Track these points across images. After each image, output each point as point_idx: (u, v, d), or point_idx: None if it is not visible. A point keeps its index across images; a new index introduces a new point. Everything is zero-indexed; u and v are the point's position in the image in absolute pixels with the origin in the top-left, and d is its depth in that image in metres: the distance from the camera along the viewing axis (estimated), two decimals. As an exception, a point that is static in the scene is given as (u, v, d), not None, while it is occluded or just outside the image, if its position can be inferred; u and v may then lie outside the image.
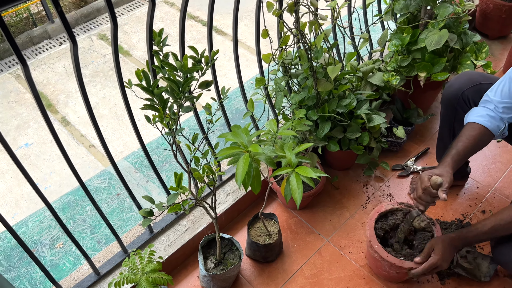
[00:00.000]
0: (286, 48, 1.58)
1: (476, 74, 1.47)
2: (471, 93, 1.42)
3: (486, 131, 1.31)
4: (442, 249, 1.31)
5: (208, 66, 1.21)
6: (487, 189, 1.81)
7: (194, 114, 1.49)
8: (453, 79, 1.51)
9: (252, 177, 1.00)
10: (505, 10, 2.36)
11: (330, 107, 1.63)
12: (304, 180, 1.02)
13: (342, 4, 1.64)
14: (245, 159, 0.98)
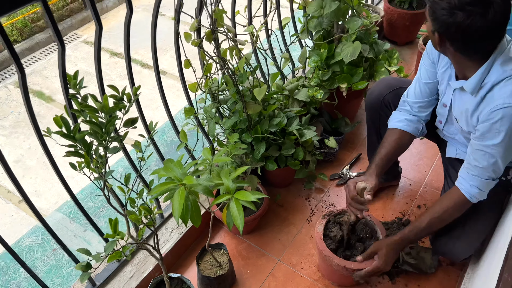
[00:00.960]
0: (211, 76, 1.59)
1: (392, 79, 1.58)
2: (391, 98, 1.52)
3: (406, 135, 1.41)
4: (386, 254, 1.35)
5: (131, 103, 1.17)
6: (419, 185, 1.92)
7: (124, 153, 1.43)
8: (373, 87, 1.61)
9: (191, 210, 0.97)
10: (408, 18, 2.58)
11: (262, 127, 1.65)
12: (244, 204, 1.01)
13: (259, 27, 1.69)
14: (180, 193, 0.95)
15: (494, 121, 1.15)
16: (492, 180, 1.27)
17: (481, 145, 1.21)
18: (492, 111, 1.14)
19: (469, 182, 1.28)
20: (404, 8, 2.59)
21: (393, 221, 1.75)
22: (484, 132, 1.19)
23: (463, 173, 1.32)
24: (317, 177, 1.93)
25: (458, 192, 1.31)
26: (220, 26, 1.36)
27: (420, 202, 1.84)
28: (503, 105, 1.12)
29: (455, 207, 1.32)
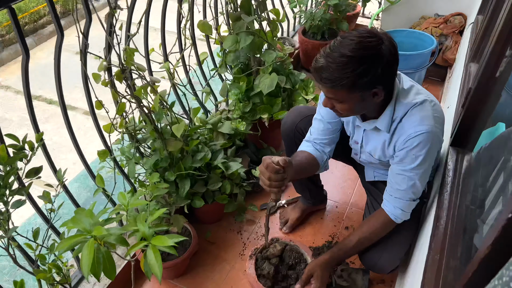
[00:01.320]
0: (127, 115, 1.54)
1: (303, 107, 1.65)
2: (303, 125, 1.58)
3: (313, 158, 1.47)
4: (321, 274, 1.40)
5: (33, 152, 1.09)
6: (344, 207, 1.98)
7: (32, 205, 1.31)
8: (285, 116, 1.66)
9: (103, 263, 0.90)
10: (322, 48, 2.72)
11: (185, 164, 1.62)
12: (163, 250, 0.96)
13: (176, 63, 1.68)
14: (90, 246, 0.88)
15: (410, 148, 1.27)
16: (413, 201, 1.38)
17: (400, 170, 1.32)
18: (407, 140, 1.27)
19: (393, 204, 1.38)
20: (317, 39, 2.73)
21: (323, 245, 1.78)
22: (402, 158, 1.30)
23: (386, 195, 1.41)
24: (247, 208, 1.92)
25: (384, 214, 1.40)
26: (131, 65, 1.33)
27: (347, 223, 1.89)
28: (415, 133, 1.25)
29: (382, 227, 1.42)
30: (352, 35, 1.14)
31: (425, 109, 1.28)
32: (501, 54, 1.28)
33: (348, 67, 1.11)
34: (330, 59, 1.13)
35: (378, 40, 1.13)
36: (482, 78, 1.35)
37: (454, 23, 2.78)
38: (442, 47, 2.77)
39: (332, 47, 1.15)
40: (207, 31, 1.86)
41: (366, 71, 1.13)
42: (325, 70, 1.14)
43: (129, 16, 1.46)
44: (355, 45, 1.11)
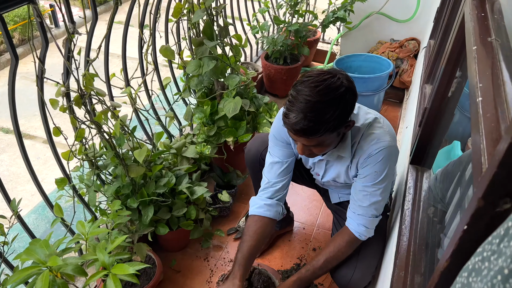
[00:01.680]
0: (87, 142, 1.49)
1: (266, 135, 1.67)
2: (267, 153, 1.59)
3: (268, 220, 1.46)
4: None
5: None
6: (311, 228, 1.98)
7: (-18, 239, 1.23)
8: (248, 144, 1.67)
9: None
10: (284, 72, 2.78)
11: (148, 190, 1.58)
12: (123, 279, 0.92)
13: (137, 88, 1.66)
14: (44, 278, 0.83)
15: (373, 165, 1.31)
16: (376, 217, 1.40)
17: (362, 186, 1.36)
18: (368, 158, 1.31)
19: (356, 222, 1.40)
20: (279, 64, 2.79)
21: (292, 268, 1.76)
22: (364, 175, 1.34)
23: (350, 213, 1.43)
24: (214, 234, 1.88)
25: (348, 232, 1.42)
26: (90, 90, 1.30)
27: (315, 245, 1.89)
28: (376, 150, 1.30)
29: (347, 246, 1.42)
30: (313, 81, 1.14)
31: (377, 126, 1.34)
32: (452, 75, 1.36)
33: (326, 112, 1.12)
34: (306, 110, 1.11)
35: (337, 77, 1.15)
36: (436, 98, 1.41)
37: (409, 47, 2.92)
38: (399, 70, 2.89)
39: (301, 98, 1.12)
40: (169, 56, 1.85)
41: (343, 110, 1.15)
42: (303, 122, 1.12)
43: (89, 41, 1.44)
44: (325, 89, 1.12)
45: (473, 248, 0.64)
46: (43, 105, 1.34)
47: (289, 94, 1.18)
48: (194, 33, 1.98)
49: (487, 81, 0.80)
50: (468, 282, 0.47)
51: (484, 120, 0.70)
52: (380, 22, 3.00)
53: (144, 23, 1.75)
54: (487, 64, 0.85)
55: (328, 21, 2.68)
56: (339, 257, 1.43)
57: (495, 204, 0.56)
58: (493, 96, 0.76)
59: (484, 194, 0.56)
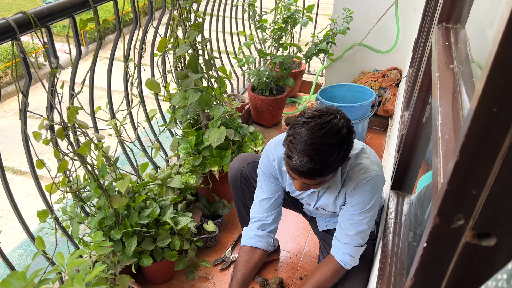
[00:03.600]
0: (70, 174, 1.50)
1: (248, 154, 1.71)
2: (248, 170, 1.62)
3: (259, 251, 1.50)
4: None
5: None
6: (298, 256, 1.97)
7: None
8: (231, 163, 1.71)
9: (33, 329, 0.84)
10: (270, 103, 2.84)
11: (132, 221, 1.58)
12: (99, 309, 0.91)
13: (122, 120, 1.69)
14: (17, 310, 0.82)
15: (360, 194, 1.35)
16: (361, 246, 1.43)
17: (349, 215, 1.38)
18: (356, 187, 1.35)
19: (342, 250, 1.41)
20: (265, 95, 2.85)
21: (278, 298, 1.74)
22: (352, 204, 1.37)
23: (335, 242, 1.45)
24: (200, 265, 1.87)
25: (334, 260, 1.44)
26: (72, 122, 1.33)
27: (301, 274, 1.88)
28: (364, 180, 1.33)
29: (333, 275, 1.43)
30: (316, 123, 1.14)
31: (364, 156, 1.38)
32: (425, 102, 1.41)
33: (332, 154, 1.14)
34: (311, 153, 1.12)
35: (338, 117, 1.18)
36: (411, 124, 1.46)
37: (391, 77, 3.01)
38: (382, 98, 2.97)
39: (305, 140, 1.13)
40: (155, 89, 1.90)
41: (346, 150, 1.19)
42: (309, 165, 1.13)
43: (73, 74, 1.48)
44: (329, 132, 1.14)
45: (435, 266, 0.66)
46: (26, 139, 1.36)
47: (289, 134, 1.18)
48: (179, 66, 2.03)
49: (447, 105, 0.84)
50: None
51: (442, 141, 0.73)
52: (363, 53, 3.10)
53: (129, 57, 1.80)
54: (448, 89, 0.89)
55: (311, 53, 2.76)
56: (325, 286, 1.44)
57: (449, 220, 0.59)
58: (452, 119, 0.79)
59: (438, 211, 0.58)
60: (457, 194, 0.56)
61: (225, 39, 3.02)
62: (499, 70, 0.43)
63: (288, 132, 1.21)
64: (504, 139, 0.49)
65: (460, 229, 0.59)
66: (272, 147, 1.46)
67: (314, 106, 3.14)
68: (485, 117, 0.47)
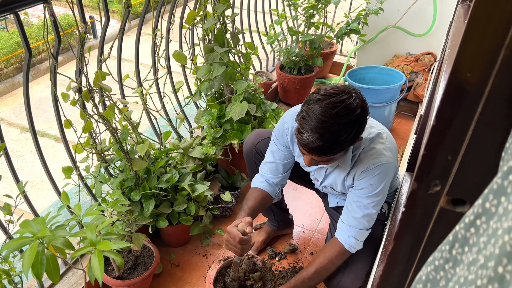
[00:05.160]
0: (95, 136, 1.60)
1: (263, 130, 1.73)
2: (262, 146, 1.65)
3: (266, 194, 1.54)
4: None
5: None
6: (311, 232, 2.01)
7: (-8, 217, 1.34)
8: (246, 138, 1.74)
9: (47, 265, 0.93)
10: (298, 82, 2.84)
11: (151, 184, 1.66)
12: (107, 255, 0.99)
13: (148, 88, 1.76)
14: (33, 247, 0.91)
15: (369, 178, 1.34)
16: (366, 230, 1.42)
17: (357, 197, 1.39)
18: (366, 171, 1.34)
19: (347, 233, 1.42)
20: (293, 74, 2.85)
21: (287, 270, 1.79)
22: (360, 187, 1.37)
23: (341, 224, 1.45)
24: (214, 232, 1.94)
25: (338, 243, 1.43)
26: (97, 85, 1.41)
27: (313, 249, 1.92)
28: (374, 165, 1.33)
29: (337, 257, 1.43)
30: (330, 101, 1.14)
31: (379, 141, 1.37)
32: (444, 83, 1.38)
33: (342, 134, 1.15)
34: (322, 131, 1.13)
35: (354, 97, 1.17)
36: (429, 105, 1.44)
37: (424, 61, 2.93)
38: (413, 83, 2.90)
39: (317, 117, 1.13)
40: (182, 61, 1.95)
41: (358, 131, 1.19)
42: (318, 142, 1.15)
43: (101, 41, 1.55)
44: (342, 111, 1.13)
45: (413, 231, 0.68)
46: (56, 100, 1.46)
47: (302, 110, 1.19)
48: (207, 40, 2.08)
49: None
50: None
51: (435, 113, 0.74)
52: (397, 36, 3.02)
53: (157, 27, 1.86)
54: (454, 66, 0.88)
55: (341, 33, 2.73)
56: (329, 268, 1.44)
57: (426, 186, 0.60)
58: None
59: (416, 176, 0.60)
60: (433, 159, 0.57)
61: (256, 18, 3.03)
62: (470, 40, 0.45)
63: (302, 108, 1.21)
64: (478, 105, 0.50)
65: (436, 195, 0.60)
66: (289, 115, 1.48)
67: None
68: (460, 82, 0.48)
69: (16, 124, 4.94)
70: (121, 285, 1.55)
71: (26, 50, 1.21)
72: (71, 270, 1.64)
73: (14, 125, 5.09)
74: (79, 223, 1.20)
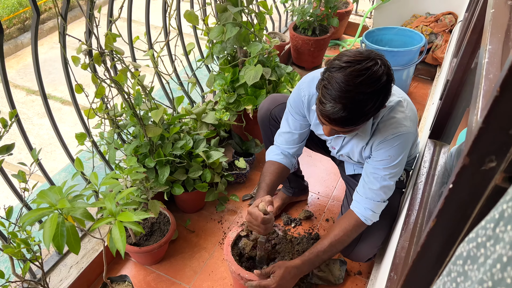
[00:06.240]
0: (108, 100, 1.54)
1: (278, 95, 1.67)
2: (277, 111, 1.60)
3: (282, 166, 1.50)
4: (281, 276, 1.32)
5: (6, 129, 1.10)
6: (326, 199, 1.99)
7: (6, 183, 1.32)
8: (261, 104, 1.68)
9: (67, 237, 0.91)
10: (312, 44, 2.73)
11: (165, 151, 1.63)
12: (128, 226, 0.97)
13: (160, 51, 1.69)
14: (53, 219, 0.88)
15: (387, 149, 1.29)
16: (383, 202, 1.38)
17: (375, 169, 1.33)
18: (384, 141, 1.29)
19: (363, 205, 1.38)
20: (307, 35, 2.74)
21: (303, 236, 1.78)
22: (378, 158, 1.32)
23: (357, 196, 1.41)
24: (229, 199, 1.92)
25: (354, 215, 1.39)
26: (109, 48, 1.34)
27: (328, 216, 1.90)
28: (392, 135, 1.27)
29: (353, 229, 1.39)
30: (355, 69, 1.06)
31: (399, 110, 1.30)
32: (476, 45, 1.30)
33: (367, 104, 1.08)
34: (345, 101, 1.06)
35: (379, 64, 1.09)
36: (458, 70, 1.36)
37: (445, 22, 2.79)
38: (432, 45, 2.78)
39: (340, 86, 1.07)
40: (193, 21, 1.86)
41: (383, 100, 1.12)
42: (341, 113, 1.08)
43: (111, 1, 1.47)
44: (367, 80, 1.06)
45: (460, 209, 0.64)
46: (66, 63, 1.40)
47: (324, 78, 1.12)
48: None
49: (498, 43, 0.77)
50: (464, 271, 0.44)
51: (485, 80, 0.68)
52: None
53: (168, -14, 1.76)
54: (501, 27, 0.81)
55: (359, -8, 2.59)
56: (344, 241, 1.40)
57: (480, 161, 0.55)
58: (500, 58, 0.73)
59: (469, 151, 0.55)
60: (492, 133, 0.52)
61: (269, -27, 2.87)
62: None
63: (323, 76, 1.14)
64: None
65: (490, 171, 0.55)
66: (305, 82, 1.41)
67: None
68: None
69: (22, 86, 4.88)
70: (138, 252, 1.55)
71: (34, 9, 1.13)
72: (87, 236, 1.64)
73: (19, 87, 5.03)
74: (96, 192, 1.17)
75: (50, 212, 0.92)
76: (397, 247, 1.20)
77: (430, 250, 0.71)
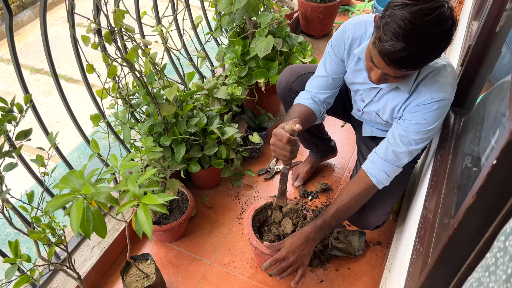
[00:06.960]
0: (119, 80, 1.51)
1: (296, 67, 1.60)
2: (297, 84, 1.55)
3: (310, 110, 1.40)
4: (290, 243, 1.31)
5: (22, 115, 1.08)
6: (342, 171, 1.97)
7: (26, 168, 1.31)
8: (280, 77, 1.62)
9: (93, 222, 0.91)
10: (321, 11, 2.65)
11: (180, 129, 1.61)
12: (152, 208, 0.96)
13: (168, 26, 1.64)
14: (78, 205, 0.88)
15: (424, 112, 1.21)
16: (400, 168, 1.32)
17: (405, 131, 1.26)
18: (422, 104, 1.21)
19: (379, 167, 1.30)
20: (316, 2, 2.65)
21: (320, 209, 1.78)
22: (412, 121, 1.24)
23: (373, 157, 1.33)
24: (245, 174, 1.92)
25: (366, 178, 1.33)
26: (119, 26, 1.30)
27: (345, 187, 1.89)
28: (432, 99, 1.20)
29: (362, 194, 1.33)
30: (422, 8, 0.99)
31: (444, 75, 1.22)
32: (501, 8, 1.24)
33: (432, 45, 1.01)
34: (410, 41, 0.99)
35: (446, 6, 1.01)
36: (482, 34, 1.31)
37: (459, -18, 2.68)
38: (446, 8, 2.68)
39: (404, 24, 0.99)
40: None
41: (446, 45, 1.04)
42: (403, 53, 1.01)
43: (117, -25, 1.41)
44: (435, 19, 0.98)
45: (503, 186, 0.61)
46: (76, 43, 1.36)
47: (385, 16, 1.03)
48: (225, -32, 1.89)
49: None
50: (504, 246, 0.44)
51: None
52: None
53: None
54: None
55: (370, -46, 2.48)
56: (351, 206, 1.34)
57: (529, 137, 0.53)
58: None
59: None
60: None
61: None
62: None
63: (384, 13, 1.05)
64: None
65: (541, 146, 0.53)
66: (352, 24, 1.32)
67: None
68: None
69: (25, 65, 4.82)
70: (159, 230, 1.56)
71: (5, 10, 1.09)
72: (106, 216, 1.65)
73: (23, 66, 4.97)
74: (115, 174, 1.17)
75: (74, 198, 0.91)
76: (421, 219, 1.19)
77: (468, 226, 0.69)
